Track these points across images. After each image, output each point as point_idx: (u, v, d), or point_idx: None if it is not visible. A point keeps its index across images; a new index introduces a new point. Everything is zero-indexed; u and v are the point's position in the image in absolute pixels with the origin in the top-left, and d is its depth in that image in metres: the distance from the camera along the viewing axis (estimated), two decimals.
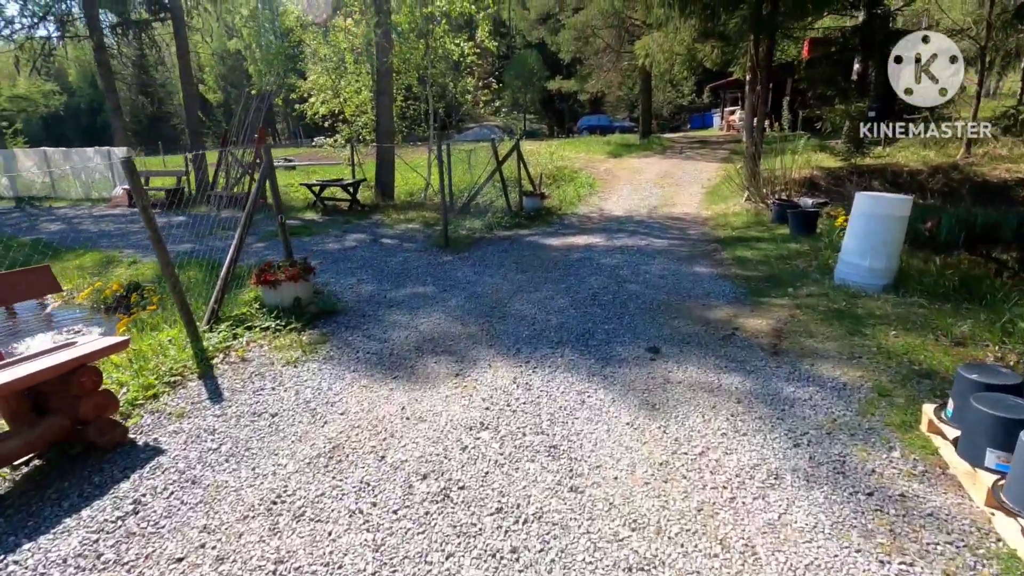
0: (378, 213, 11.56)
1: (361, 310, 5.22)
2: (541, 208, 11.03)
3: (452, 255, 7.65)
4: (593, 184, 14.94)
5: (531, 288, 5.79)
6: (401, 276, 6.56)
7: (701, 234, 8.70)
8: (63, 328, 6.10)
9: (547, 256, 7.39)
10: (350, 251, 8.13)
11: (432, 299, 5.54)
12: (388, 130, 12.60)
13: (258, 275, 4.72)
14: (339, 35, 13.24)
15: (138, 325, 5.32)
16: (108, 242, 9.89)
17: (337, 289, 6.05)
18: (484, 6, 13.23)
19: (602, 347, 4.09)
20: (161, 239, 3.98)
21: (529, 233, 9.17)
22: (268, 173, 5.07)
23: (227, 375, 3.75)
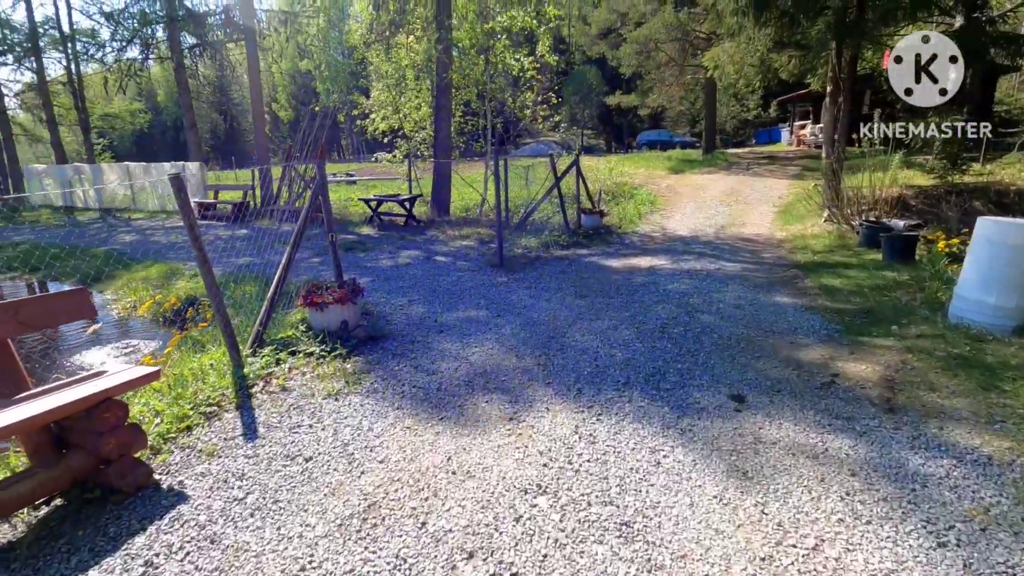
0: (433, 229, 11.41)
1: (410, 335, 4.91)
2: (600, 226, 10.55)
3: (507, 275, 7.29)
4: (654, 201, 14.31)
5: (591, 316, 5.33)
6: (453, 297, 6.24)
7: (777, 258, 7.97)
8: (117, 344, 6.16)
9: (608, 279, 6.90)
10: (403, 268, 7.93)
11: (485, 324, 5.17)
12: (446, 145, 12.50)
13: (305, 297, 4.50)
14: (401, 52, 13.34)
15: (188, 343, 5.24)
16: (174, 254, 10.17)
17: (387, 310, 5.80)
18: (546, 21, 13.00)
19: (676, 391, 3.57)
20: (207, 259, 3.81)
21: (588, 253, 8.70)
22: (320, 189, 4.88)
23: (265, 406, 3.49)
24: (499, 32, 13.05)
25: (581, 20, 27.51)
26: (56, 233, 13.82)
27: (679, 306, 5.54)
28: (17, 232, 14.29)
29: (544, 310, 5.58)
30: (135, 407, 3.37)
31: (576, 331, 4.87)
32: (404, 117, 14.33)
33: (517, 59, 13.44)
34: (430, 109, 14.16)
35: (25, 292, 9.62)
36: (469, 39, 13.11)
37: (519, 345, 4.56)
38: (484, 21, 12.93)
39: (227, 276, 7.97)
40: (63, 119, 22.25)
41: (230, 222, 13.68)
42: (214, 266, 8.63)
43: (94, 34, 18.55)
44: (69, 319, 2.80)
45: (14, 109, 22.82)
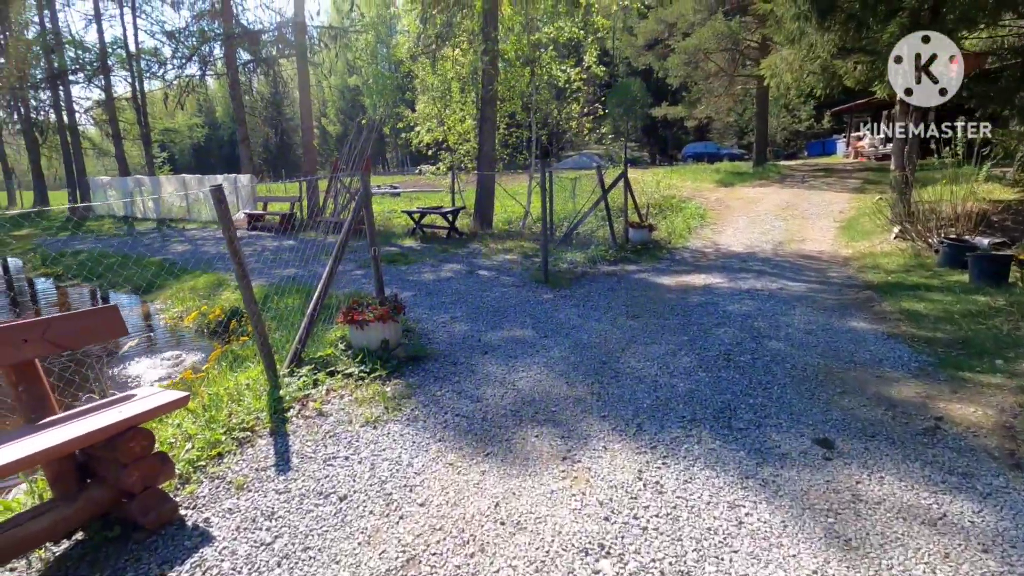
0: (475, 242, 11.22)
1: (453, 355, 4.65)
2: (648, 241, 10.12)
3: (552, 292, 6.97)
4: (704, 215, 13.74)
5: (646, 339, 4.94)
6: (497, 315, 5.97)
7: (846, 277, 7.36)
8: (162, 355, 6.15)
9: (661, 298, 6.48)
10: (445, 283, 7.72)
11: (531, 346, 4.86)
12: (489, 157, 12.35)
13: (345, 314, 4.30)
14: (447, 64, 13.33)
15: (228, 357, 5.14)
16: (222, 264, 10.31)
17: (429, 327, 5.57)
18: (593, 31, 12.74)
19: (751, 432, 3.16)
20: (246, 273, 3.65)
21: (637, 269, 8.29)
22: (363, 202, 4.71)
23: (300, 432, 3.28)
24: (545, 43, 12.88)
25: (627, 31, 27.16)
26: (115, 242, 14.36)
27: (743, 330, 5.09)
28: (81, 241, 14.94)
29: (594, 331, 5.23)
30: (168, 430, 3.21)
31: (631, 356, 4.50)
32: (448, 129, 14.29)
33: (563, 70, 13.22)
34: (474, 121, 14.08)
35: (89, 300, 9.92)
36: (515, 51, 12.98)
37: (569, 370, 4.22)
38: (530, 33, 12.79)
39: (271, 288, 7.97)
40: (127, 134, 23.42)
41: (277, 233, 13.91)
42: (259, 278, 8.67)
43: (156, 52, 19.50)
44: (99, 338, 2.67)
45: (84, 125, 24.23)
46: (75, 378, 4.19)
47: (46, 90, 22.63)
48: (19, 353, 2.36)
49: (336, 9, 15.30)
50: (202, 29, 15.64)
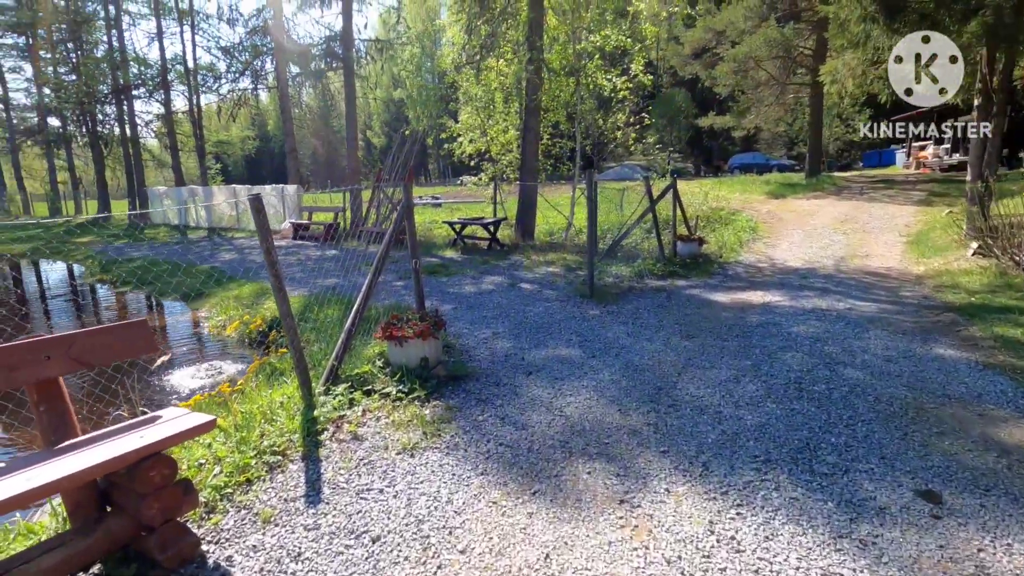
0: (517, 253, 10.98)
1: (495, 375, 4.38)
2: (698, 255, 9.64)
3: (599, 308, 6.63)
4: (756, 228, 13.11)
5: (704, 362, 4.54)
6: (541, 331, 5.67)
7: (922, 297, 6.73)
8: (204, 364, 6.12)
9: (716, 317, 6.05)
10: (486, 296, 7.49)
11: (579, 367, 4.54)
12: (532, 168, 12.13)
13: (384, 329, 4.10)
14: (490, 75, 13.24)
15: (266, 370, 5.02)
16: (266, 273, 10.39)
17: (470, 343, 5.32)
18: (641, 39, 12.41)
19: (838, 478, 2.75)
20: (282, 286, 3.50)
21: (688, 285, 7.85)
22: (405, 213, 4.52)
23: (333, 458, 3.06)
24: (591, 52, 12.62)
25: (673, 41, 26.64)
26: (168, 250, 14.82)
27: (812, 355, 4.62)
28: (136, 248, 15.50)
29: (646, 352, 4.86)
30: (198, 450, 3.05)
31: (689, 381, 4.12)
32: (491, 140, 14.18)
33: (609, 79, 12.92)
34: (517, 132, 13.92)
35: (144, 307, 10.17)
36: (560, 60, 12.78)
37: (621, 396, 3.88)
38: (576, 42, 12.56)
39: (312, 298, 7.93)
40: (183, 146, 24.43)
41: (321, 243, 14.06)
42: (301, 287, 8.65)
43: (212, 67, 20.27)
44: (127, 355, 2.52)
45: (145, 137, 25.43)
46: (105, 394, 4.11)
47: (111, 104, 23.85)
48: (42, 371, 2.22)
49: (383, 23, 15.52)
50: (255, 44, 16.12)
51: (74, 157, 30.76)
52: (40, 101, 28.69)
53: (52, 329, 8.92)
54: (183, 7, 20.24)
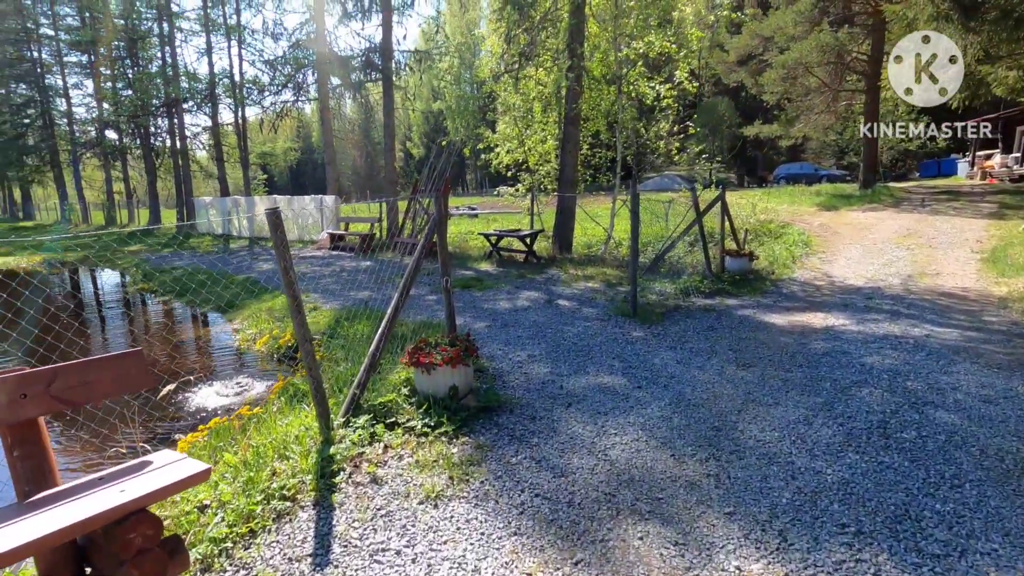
0: (554, 267, 10.57)
1: (531, 406, 3.98)
2: (748, 271, 9.03)
3: (642, 329, 6.16)
4: (808, 242, 12.33)
5: (766, 397, 4.03)
6: (581, 355, 5.25)
7: (1010, 323, 5.99)
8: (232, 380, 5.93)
9: (774, 342, 5.49)
10: (522, 313, 7.11)
11: (623, 398, 4.10)
12: (571, 179, 11.74)
13: (411, 354, 3.76)
14: (529, 84, 12.96)
15: (288, 391, 4.77)
16: (301, 284, 10.31)
17: (504, 366, 4.94)
18: (687, 44, 11.91)
19: (954, 561, 2.23)
20: (301, 307, 3.21)
21: (738, 304, 7.28)
22: (436, 226, 4.19)
23: (348, 506, 2.72)
24: (634, 59, 12.18)
25: (717, 48, 25.91)
26: (209, 259, 15.06)
27: (893, 392, 4.05)
28: (179, 258, 15.82)
29: (699, 383, 4.38)
30: (202, 490, 2.76)
31: (751, 421, 3.62)
32: (529, 150, 13.87)
33: (652, 86, 12.44)
34: (555, 142, 13.57)
35: (180, 317, 10.23)
36: (600, 68, 12.39)
37: (674, 437, 3.42)
38: (618, 49, 12.15)
39: (343, 312, 7.72)
40: (229, 157, 25.10)
41: (356, 253, 14.00)
42: (333, 300, 8.45)
43: (257, 80, 20.77)
44: (119, 390, 2.25)
45: (193, 149, 26.29)
46: (110, 416, 3.91)
47: (163, 118, 24.74)
48: (17, 411, 1.95)
49: (423, 34, 15.53)
50: (296, 57, 16.35)
51: (129, 168, 32.11)
52: (100, 115, 30.10)
53: (88, 339, 9.01)
54: (231, 23, 20.87)
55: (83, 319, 10.40)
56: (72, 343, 7.93)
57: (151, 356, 7.66)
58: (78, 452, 4.41)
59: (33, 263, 16.54)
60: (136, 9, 24.15)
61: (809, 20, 20.12)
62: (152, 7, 23.53)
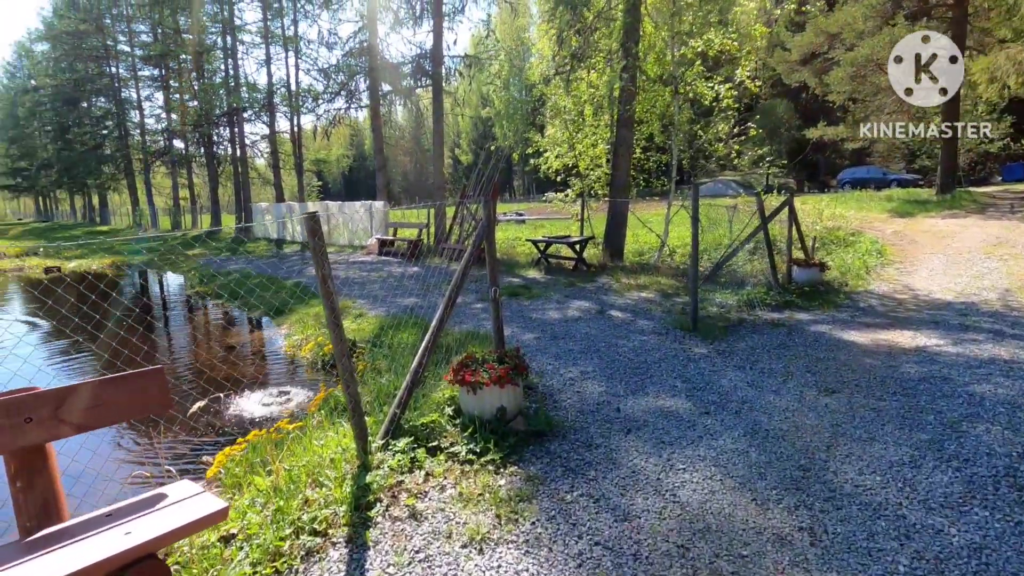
0: (605, 275, 10.13)
1: (586, 431, 3.60)
2: (818, 282, 8.32)
3: (704, 344, 5.67)
4: (883, 251, 11.38)
5: (859, 431, 3.50)
6: (639, 372, 4.82)
7: None
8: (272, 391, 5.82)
9: (858, 364, 4.90)
10: (572, 325, 6.72)
11: (690, 425, 3.66)
12: (623, 183, 11.27)
13: (455, 372, 3.47)
14: (581, 86, 12.58)
15: (330, 403, 4.57)
16: (348, 290, 10.28)
17: (555, 383, 4.59)
18: (751, 41, 11.25)
19: None
20: (339, 321, 2.96)
21: (811, 319, 6.65)
22: (485, 233, 3.89)
23: (383, 545, 2.43)
24: (691, 59, 11.61)
25: (778, 47, 24.74)
26: (262, 264, 15.39)
27: (1016, 430, 3.43)
28: (234, 262, 16.27)
29: (776, 410, 3.88)
30: (229, 521, 2.53)
31: (844, 460, 3.12)
32: (579, 155, 13.48)
33: (711, 86, 11.82)
34: (607, 146, 13.13)
35: (229, 322, 10.40)
36: (656, 69, 11.88)
37: (753, 477, 2.97)
38: (675, 48, 11.62)
39: (388, 319, 7.56)
40: (284, 164, 25.88)
41: (404, 259, 13.97)
42: (380, 307, 8.29)
43: (311, 89, 21.31)
44: (136, 413, 2.04)
45: (252, 157, 27.26)
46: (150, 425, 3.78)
47: (225, 127, 25.78)
48: (21, 436, 1.76)
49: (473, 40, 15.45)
50: (349, 64, 16.59)
51: (193, 176, 33.72)
52: (169, 125, 31.77)
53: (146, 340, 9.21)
54: (289, 34, 21.52)
55: (145, 321, 10.73)
56: (132, 346, 8.12)
57: (204, 359, 7.73)
58: (97, 471, 4.34)
59: (103, 265, 17.40)
60: (203, 24, 25.34)
61: (881, 14, 18.86)
62: (218, 22, 24.59)
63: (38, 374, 6.27)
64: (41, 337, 9.42)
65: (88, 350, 7.63)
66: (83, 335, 7.42)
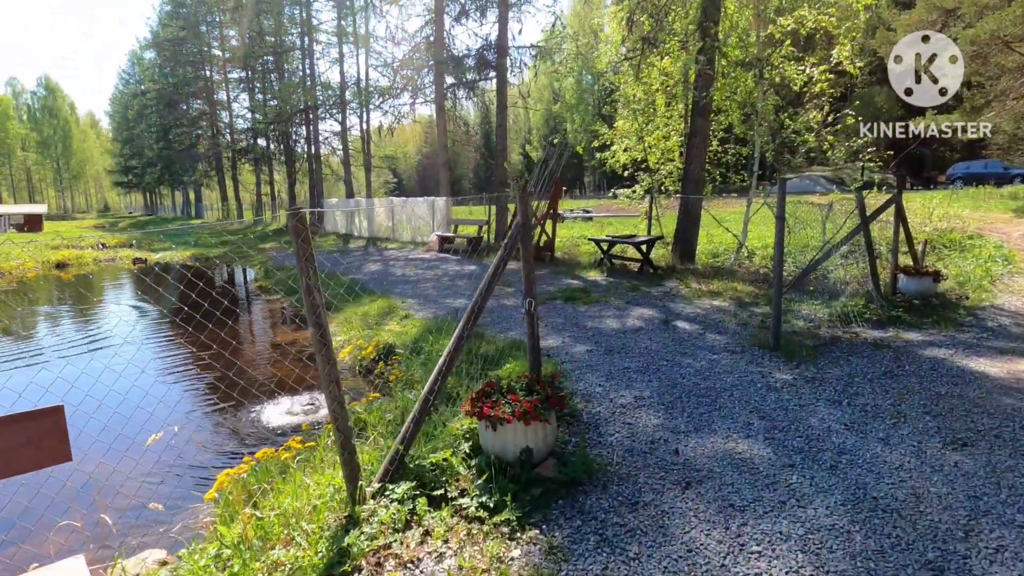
0: (673, 279, 9.21)
1: (633, 481, 2.91)
2: (931, 294, 7.04)
3: (788, 368, 4.75)
4: (1009, 257, 9.67)
5: (1009, 508, 2.58)
6: (705, 402, 4.04)
7: None
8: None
9: (991, 403, 3.86)
10: (632, 336, 5.96)
11: (769, 483, 2.87)
12: (697, 178, 10.25)
13: (473, 403, 2.88)
14: (652, 72, 11.61)
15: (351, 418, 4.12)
16: (401, 288, 9.99)
17: (602, 411, 3.90)
18: (853, 15, 9.86)
19: None
20: (327, 338, 2.46)
21: (924, 340, 5.52)
22: (519, 234, 3.27)
23: None
24: (779, 39, 10.36)
25: (883, 27, 22.21)
26: (326, 258, 15.56)
27: None
28: None
29: (886, 467, 3.00)
30: None
31: (993, 555, 2.25)
32: (649, 148, 12.51)
33: (801, 69, 10.50)
34: (680, 138, 12.08)
35: (282, 319, 10.41)
36: (737, 52, 10.72)
37: (859, 572, 2.17)
38: (760, 29, 10.43)
39: (435, 322, 7.11)
40: (355, 160, 26.43)
41: (464, 257, 13.61)
42: (427, 308, 7.85)
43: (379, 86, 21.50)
44: (20, 467, 1.60)
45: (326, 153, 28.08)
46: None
47: (302, 125, 26.67)
48: None
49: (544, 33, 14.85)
50: (414, 58, 16.45)
51: (274, 172, 35.36)
52: (253, 125, 33.42)
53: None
54: (360, 32, 21.85)
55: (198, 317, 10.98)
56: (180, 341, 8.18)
57: (247, 358, 7.63)
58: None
59: (184, 258, 18.35)
60: (284, 26, 26.31)
61: None
62: (296, 23, 25.41)
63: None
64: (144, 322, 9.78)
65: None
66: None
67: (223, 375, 5.75)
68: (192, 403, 5.76)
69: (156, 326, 9.83)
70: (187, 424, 4.93)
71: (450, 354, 2.90)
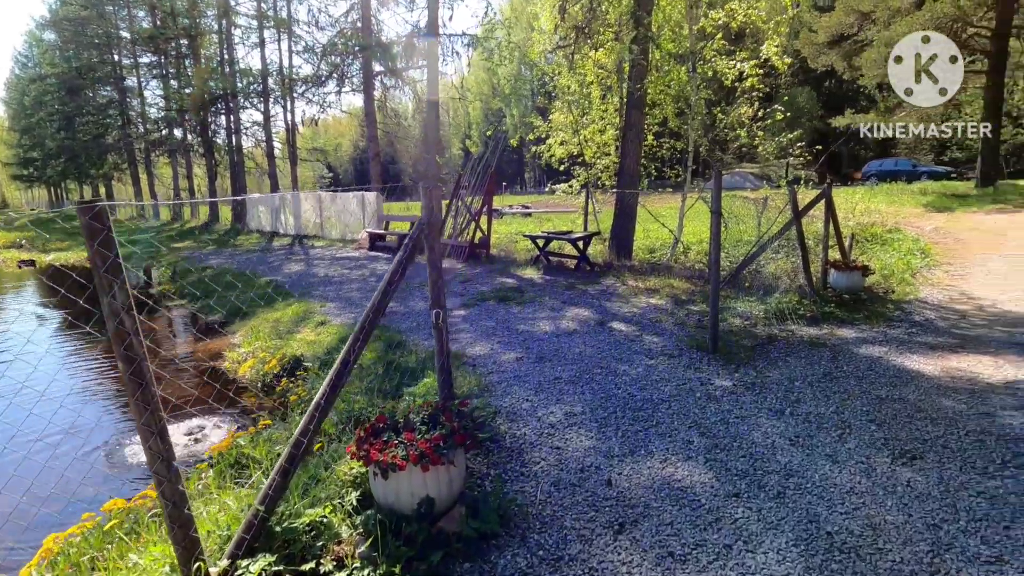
0: (610, 276, 8.91)
1: (558, 526, 2.44)
2: (859, 288, 7.04)
3: (727, 373, 4.46)
4: (926, 251, 10.01)
5: (973, 540, 2.29)
6: (641, 417, 3.64)
7: None
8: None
9: (933, 406, 3.67)
10: (565, 340, 5.54)
11: (712, 521, 2.48)
12: (633, 172, 10.01)
13: (359, 444, 2.30)
14: (587, 64, 11.30)
15: (229, 457, 3.44)
16: (322, 290, 9.18)
17: (528, 433, 3.42)
18: (781, 8, 9.90)
19: None
20: (145, 379, 1.82)
21: (858, 337, 5.41)
22: (422, 234, 2.73)
23: None
24: (711, 32, 10.29)
25: (806, 29, 23.11)
26: (244, 258, 14.36)
27: None
28: (217, 256, 15.25)
29: (837, 491, 2.68)
30: None
31: None
32: (584, 141, 12.23)
33: (732, 64, 10.48)
34: (615, 132, 11.87)
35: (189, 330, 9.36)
36: (672, 45, 10.57)
37: None
38: (693, 22, 10.32)
39: (352, 330, 6.44)
40: (281, 153, 24.87)
41: (395, 254, 12.88)
42: (348, 312, 7.16)
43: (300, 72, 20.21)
44: None
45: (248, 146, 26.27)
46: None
47: (221, 115, 24.81)
48: None
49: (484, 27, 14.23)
50: (342, 43, 15.46)
51: (193, 165, 32.87)
52: (168, 114, 30.85)
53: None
54: (281, 16, 20.42)
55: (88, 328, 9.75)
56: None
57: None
58: None
59: (82, 259, 16.51)
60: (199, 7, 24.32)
61: None
62: (211, 4, 23.54)
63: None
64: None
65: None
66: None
67: (99, 394, 4.87)
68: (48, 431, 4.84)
69: (39, 335, 8.56)
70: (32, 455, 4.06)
71: (331, 384, 2.31)
